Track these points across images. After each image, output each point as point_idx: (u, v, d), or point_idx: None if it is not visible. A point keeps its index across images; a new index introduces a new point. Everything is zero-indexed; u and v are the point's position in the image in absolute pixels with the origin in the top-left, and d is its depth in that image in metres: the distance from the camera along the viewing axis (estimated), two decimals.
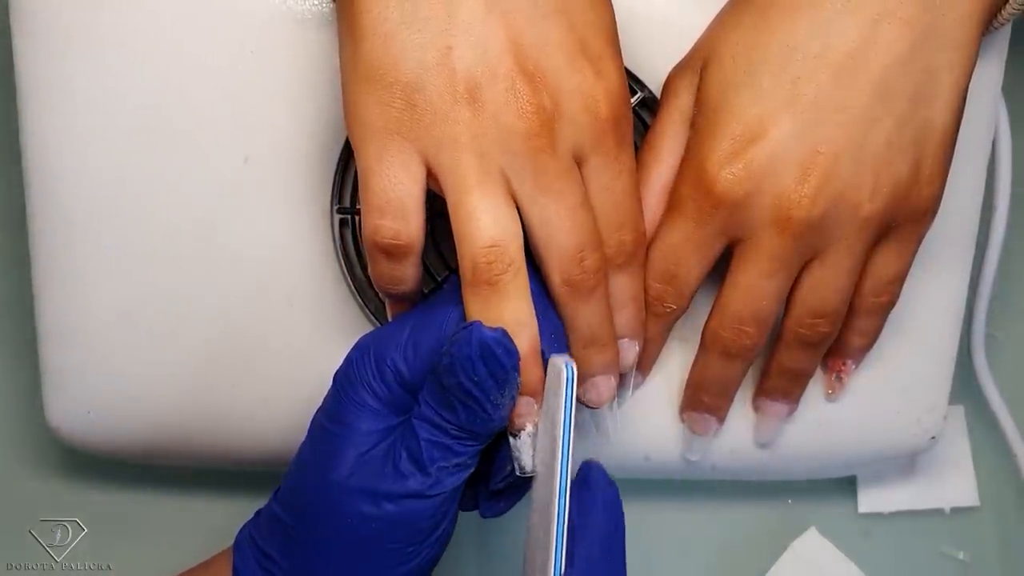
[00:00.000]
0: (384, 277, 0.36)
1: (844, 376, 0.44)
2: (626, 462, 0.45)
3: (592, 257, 0.36)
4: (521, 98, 0.33)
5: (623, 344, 0.39)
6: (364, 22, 0.33)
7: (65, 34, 0.40)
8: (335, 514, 0.34)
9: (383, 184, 0.34)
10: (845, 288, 0.39)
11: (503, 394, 0.33)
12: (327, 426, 0.35)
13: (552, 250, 0.35)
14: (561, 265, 0.35)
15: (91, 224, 0.41)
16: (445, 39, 0.33)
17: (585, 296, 0.36)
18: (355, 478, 0.34)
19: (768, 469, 0.46)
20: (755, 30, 0.37)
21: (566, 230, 0.35)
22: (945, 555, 0.52)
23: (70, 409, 0.43)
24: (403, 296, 0.37)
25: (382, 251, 0.35)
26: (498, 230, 0.34)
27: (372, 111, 0.34)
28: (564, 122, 0.34)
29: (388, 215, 0.34)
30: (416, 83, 0.33)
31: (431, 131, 0.33)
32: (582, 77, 0.34)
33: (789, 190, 0.36)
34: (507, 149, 0.34)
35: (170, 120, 0.40)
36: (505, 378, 0.33)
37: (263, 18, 0.40)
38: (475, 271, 0.34)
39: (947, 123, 0.37)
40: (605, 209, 0.36)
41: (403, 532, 0.34)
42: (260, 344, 0.42)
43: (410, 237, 0.34)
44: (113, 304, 0.42)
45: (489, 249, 0.34)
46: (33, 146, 0.41)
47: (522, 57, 0.33)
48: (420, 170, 0.34)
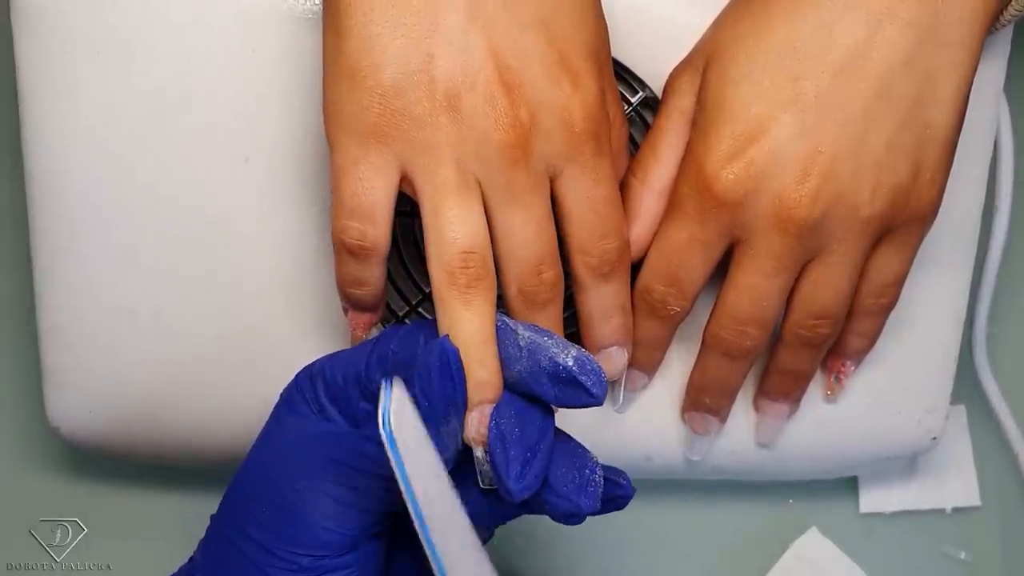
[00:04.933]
0: (348, 278, 0.36)
1: (843, 377, 0.44)
2: (627, 462, 0.45)
3: (550, 272, 0.36)
4: (499, 109, 0.34)
5: (612, 353, 0.39)
6: (348, 22, 0.33)
7: (67, 33, 0.40)
8: (251, 501, 0.35)
9: (355, 187, 0.34)
10: (845, 289, 0.39)
11: (449, 421, 0.32)
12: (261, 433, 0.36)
13: (513, 260, 0.35)
14: (520, 276, 0.35)
15: (92, 223, 0.41)
16: (427, 46, 0.33)
17: (539, 308, 0.36)
18: (269, 464, 0.35)
19: (769, 469, 0.46)
20: (757, 29, 0.37)
21: (529, 242, 0.35)
22: (947, 555, 0.52)
23: (71, 408, 0.43)
24: (364, 300, 0.37)
25: (348, 251, 0.35)
26: (475, 238, 0.34)
27: (350, 112, 0.34)
28: (540, 135, 0.34)
29: (356, 217, 0.34)
30: (396, 88, 0.33)
31: (409, 137, 0.33)
32: (559, 90, 0.34)
33: (789, 189, 0.36)
34: (482, 157, 0.34)
35: (171, 120, 0.40)
36: (457, 398, 0.32)
37: (265, 17, 0.40)
38: (452, 276, 0.34)
39: (949, 124, 0.37)
40: (586, 219, 0.36)
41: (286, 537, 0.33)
42: (261, 344, 0.42)
43: (376, 240, 0.35)
44: (114, 303, 0.42)
45: (466, 255, 0.34)
46: (34, 145, 0.41)
47: (502, 68, 0.34)
48: (394, 175, 0.34)
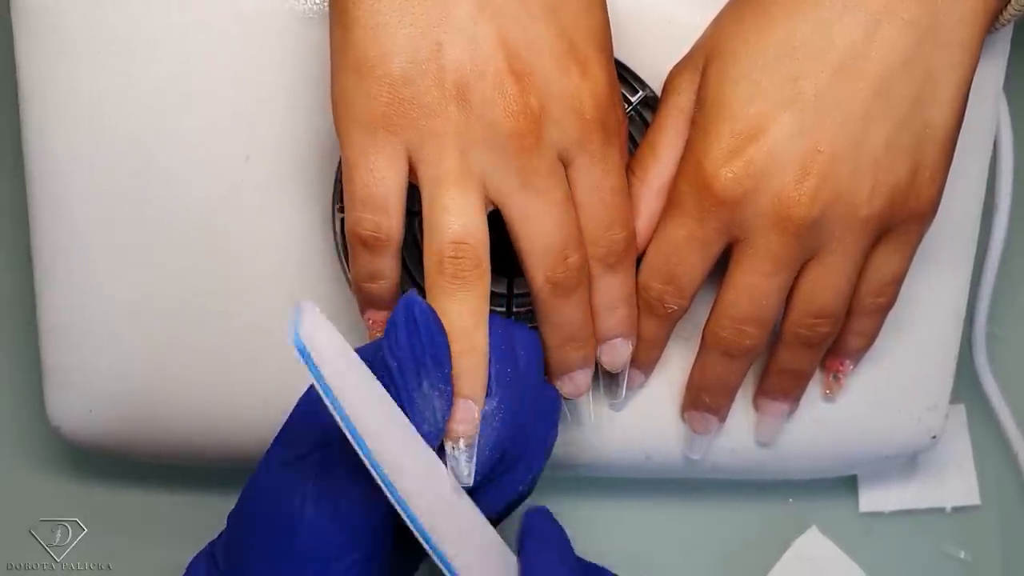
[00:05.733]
0: (363, 272, 0.36)
1: (842, 376, 0.44)
2: (627, 461, 0.45)
3: (576, 255, 0.36)
4: (508, 97, 0.34)
5: (616, 344, 0.39)
6: (355, 13, 0.33)
7: (67, 33, 0.40)
8: (255, 517, 0.34)
9: (367, 178, 0.34)
10: (844, 288, 0.39)
11: (420, 383, 0.32)
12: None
13: (537, 247, 0.35)
14: (546, 262, 0.35)
15: (93, 222, 0.41)
16: (436, 35, 0.33)
17: (567, 294, 0.36)
18: (272, 486, 0.34)
19: (769, 468, 0.46)
20: (757, 28, 0.37)
21: (552, 227, 0.35)
22: (946, 554, 0.52)
23: (71, 407, 0.43)
24: (381, 296, 0.37)
25: (362, 243, 0.35)
26: (471, 228, 0.34)
27: (359, 103, 0.34)
28: (550, 123, 0.34)
29: (370, 208, 0.34)
30: (405, 77, 0.33)
31: (417, 125, 0.33)
32: (569, 79, 0.34)
33: (788, 188, 0.36)
34: (492, 147, 0.34)
35: (172, 119, 0.40)
36: (423, 357, 0.32)
37: (265, 17, 0.40)
38: (441, 264, 0.34)
39: (948, 124, 0.37)
40: (595, 209, 0.36)
41: (306, 547, 0.33)
42: (261, 343, 0.42)
43: (390, 231, 0.35)
44: (114, 303, 0.42)
45: (459, 245, 0.34)
46: (35, 144, 0.41)
47: (512, 57, 0.34)
48: (404, 165, 0.34)
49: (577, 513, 0.50)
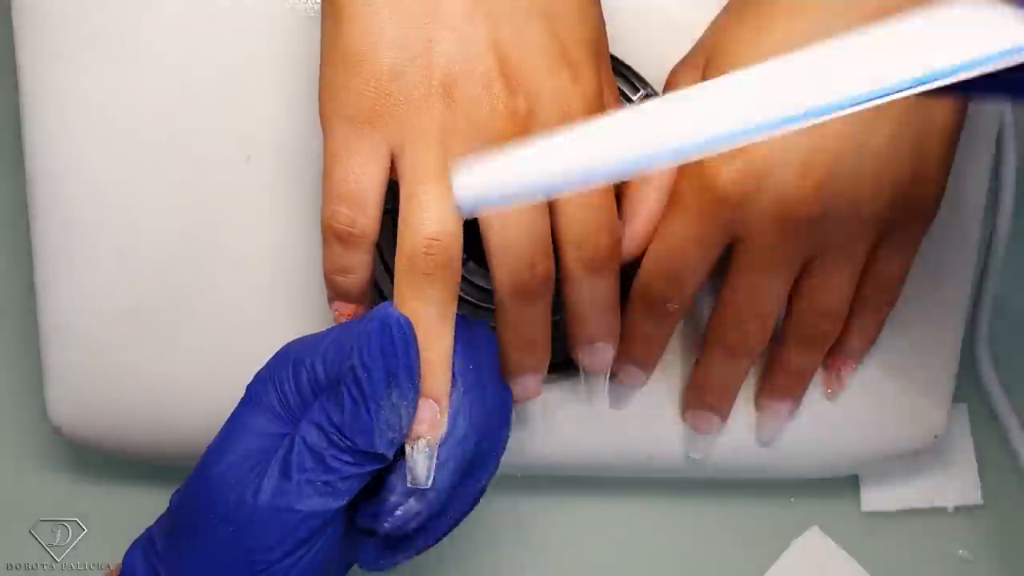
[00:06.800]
0: (334, 265, 0.36)
1: (844, 375, 0.44)
2: (628, 461, 0.45)
3: (543, 264, 0.35)
4: (496, 98, 0.33)
5: (598, 348, 0.39)
6: (347, 8, 0.33)
7: (67, 33, 0.40)
8: (201, 508, 0.33)
9: (346, 173, 0.34)
10: (846, 287, 0.39)
11: (390, 394, 0.32)
12: (228, 420, 0.35)
13: (506, 252, 0.35)
14: (513, 267, 0.35)
15: (93, 222, 0.41)
16: (427, 32, 0.33)
17: (531, 301, 0.36)
18: (227, 475, 0.33)
19: (770, 467, 0.46)
20: (757, 28, 0.37)
21: (524, 233, 0.35)
22: (948, 553, 0.52)
23: (72, 407, 0.43)
24: (350, 290, 0.36)
25: (336, 236, 0.35)
26: (445, 225, 0.33)
27: (346, 97, 0.34)
28: (536, 126, 0.34)
29: (347, 203, 0.34)
30: (392, 72, 0.33)
31: (401, 120, 0.33)
32: (559, 82, 0.34)
33: (790, 188, 0.36)
34: (475, 147, 0.33)
35: (172, 119, 0.40)
36: (396, 368, 0.32)
37: (266, 16, 0.40)
38: (413, 259, 0.33)
39: (949, 122, 0.37)
40: (580, 214, 0.36)
41: (254, 542, 0.32)
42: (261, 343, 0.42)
43: (365, 227, 0.34)
44: (115, 302, 0.42)
45: (432, 241, 0.33)
46: (35, 144, 0.41)
47: (502, 58, 0.33)
48: (385, 161, 0.34)
49: (577, 513, 0.50)
